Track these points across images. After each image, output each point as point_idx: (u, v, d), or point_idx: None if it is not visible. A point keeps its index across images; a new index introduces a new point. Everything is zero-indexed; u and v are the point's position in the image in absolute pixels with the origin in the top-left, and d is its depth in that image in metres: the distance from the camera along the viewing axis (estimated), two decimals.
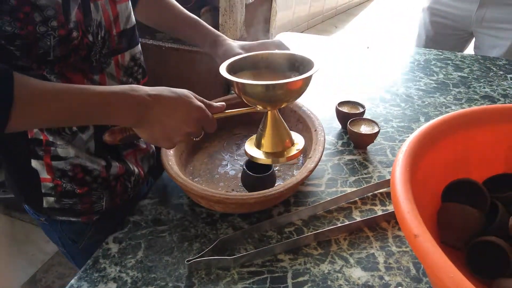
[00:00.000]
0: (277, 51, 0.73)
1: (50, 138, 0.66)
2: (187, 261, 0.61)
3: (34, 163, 0.68)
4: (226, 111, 0.68)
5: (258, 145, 0.70)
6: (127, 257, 0.64)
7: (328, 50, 1.45)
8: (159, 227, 0.69)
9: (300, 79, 0.61)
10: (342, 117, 0.95)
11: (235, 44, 0.84)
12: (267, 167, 0.73)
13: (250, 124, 0.91)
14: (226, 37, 0.86)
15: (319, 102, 1.09)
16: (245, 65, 0.71)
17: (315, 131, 0.82)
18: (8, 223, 1.83)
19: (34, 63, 0.58)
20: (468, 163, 0.67)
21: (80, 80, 0.64)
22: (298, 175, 0.71)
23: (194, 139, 0.66)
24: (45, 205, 0.71)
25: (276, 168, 0.81)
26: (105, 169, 0.73)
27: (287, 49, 0.84)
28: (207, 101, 0.66)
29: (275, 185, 0.73)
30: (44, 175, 0.69)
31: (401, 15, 4.95)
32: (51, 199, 0.71)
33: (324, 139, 0.79)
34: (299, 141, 0.72)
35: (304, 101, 0.91)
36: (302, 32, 4.30)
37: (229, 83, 0.70)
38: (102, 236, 0.68)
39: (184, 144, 0.68)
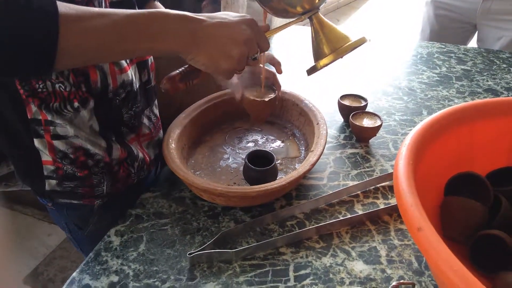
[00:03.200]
0: None
1: (49, 117, 0.64)
2: (189, 254, 0.61)
3: (37, 142, 0.67)
4: (270, 29, 0.66)
5: (318, 56, 0.68)
6: (129, 250, 0.64)
7: None
8: (161, 220, 0.69)
9: None
10: (345, 111, 0.95)
11: None
12: (269, 161, 0.73)
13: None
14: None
15: (321, 95, 1.09)
16: None
17: (317, 124, 0.82)
18: (10, 217, 1.84)
19: None
20: (471, 156, 0.67)
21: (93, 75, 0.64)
22: (300, 168, 0.71)
23: (252, 58, 0.62)
24: (47, 187, 0.71)
25: (278, 162, 0.81)
26: (107, 153, 0.71)
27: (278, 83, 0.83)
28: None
29: (277, 178, 0.73)
30: (46, 156, 0.68)
31: (404, 8, 4.92)
32: (53, 181, 0.71)
33: (326, 132, 0.79)
34: (352, 35, 0.70)
35: (307, 94, 0.91)
36: (304, 25, 4.27)
37: None
38: (106, 223, 0.68)
39: (242, 66, 0.61)
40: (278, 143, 0.88)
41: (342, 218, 0.69)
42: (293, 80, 1.15)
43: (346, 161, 0.84)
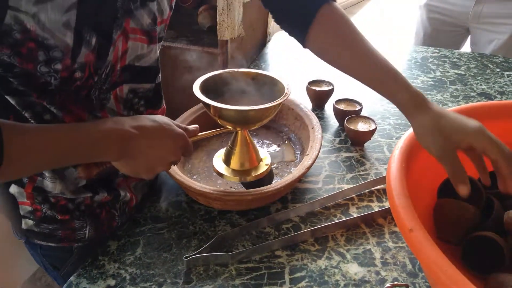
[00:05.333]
0: (246, 69, 0.71)
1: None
2: (186, 257, 0.61)
3: (13, 189, 0.63)
4: (199, 133, 0.66)
5: (227, 162, 0.70)
6: (125, 254, 0.64)
7: None
8: (157, 224, 0.70)
9: (273, 105, 0.61)
10: (340, 115, 0.96)
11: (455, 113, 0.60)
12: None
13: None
14: (432, 103, 0.63)
15: None
16: (215, 84, 0.68)
17: (312, 128, 0.83)
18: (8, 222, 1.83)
19: (33, 92, 0.54)
20: (464, 159, 0.67)
21: (82, 114, 0.60)
22: (296, 172, 0.72)
23: (174, 165, 0.64)
24: (24, 226, 0.66)
25: (274, 166, 0.82)
26: (90, 197, 0.67)
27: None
28: (182, 125, 0.63)
29: (273, 182, 0.74)
30: (22, 199, 0.64)
31: (399, 13, 4.96)
32: (30, 222, 0.66)
33: (321, 136, 0.80)
34: (267, 159, 0.73)
35: (302, 99, 0.92)
36: None
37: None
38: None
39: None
40: (274, 147, 0.89)
41: (337, 221, 0.70)
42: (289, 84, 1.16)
43: (341, 164, 0.85)
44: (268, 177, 0.73)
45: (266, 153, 0.74)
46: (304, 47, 0.71)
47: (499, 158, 0.52)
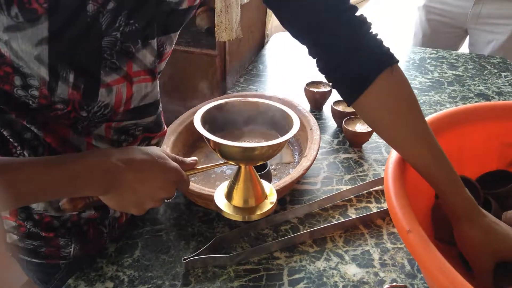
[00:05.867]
0: (254, 99, 0.64)
1: None
2: (184, 259, 0.61)
3: None
4: (198, 167, 0.61)
5: (229, 197, 0.62)
6: (124, 256, 0.64)
7: None
8: (155, 226, 0.70)
9: (276, 143, 0.54)
10: (338, 116, 0.96)
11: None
12: (263, 166, 0.73)
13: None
14: (488, 215, 0.57)
15: None
16: (218, 113, 0.62)
17: (310, 129, 0.83)
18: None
19: (12, 111, 0.51)
20: (462, 159, 0.68)
21: (65, 133, 0.56)
22: (294, 173, 0.72)
23: (166, 201, 0.58)
24: (8, 240, 0.64)
25: (272, 167, 0.82)
26: (76, 214, 0.64)
27: None
28: (178, 157, 0.58)
29: (271, 183, 0.74)
30: (6, 215, 0.62)
31: (397, 14, 4.97)
32: (14, 236, 0.64)
33: (320, 137, 0.80)
34: (272, 194, 0.65)
35: (300, 101, 0.92)
36: None
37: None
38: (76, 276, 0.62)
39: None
40: None
41: (335, 222, 0.70)
42: (287, 86, 1.16)
43: (339, 166, 0.85)
44: (266, 178, 0.73)
45: (272, 188, 0.66)
46: (349, 105, 0.60)
47: None
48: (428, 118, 0.63)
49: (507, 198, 0.63)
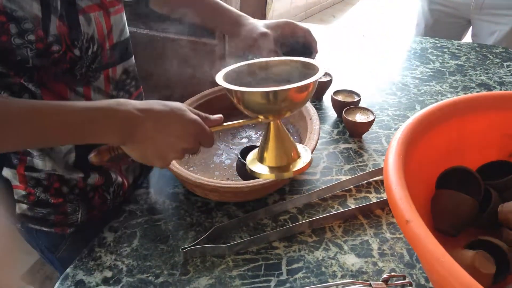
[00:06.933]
0: (276, 58, 0.62)
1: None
2: (182, 249, 0.61)
3: (6, 172, 0.64)
4: (225, 123, 0.61)
5: (261, 159, 0.61)
6: (122, 246, 0.64)
7: (325, 39, 1.44)
8: (154, 216, 0.70)
9: (302, 85, 0.52)
10: (338, 106, 0.95)
11: (259, 23, 0.79)
12: None
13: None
14: (249, 16, 0.81)
15: None
16: (242, 75, 0.61)
17: (310, 119, 0.82)
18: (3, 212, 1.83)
19: (11, 70, 0.54)
20: (462, 150, 0.67)
21: (62, 90, 0.59)
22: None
23: (191, 155, 0.59)
24: (18, 211, 0.67)
25: None
26: (82, 179, 0.68)
27: (314, 40, 0.82)
28: (202, 113, 0.59)
29: None
30: (16, 183, 0.65)
31: (400, 3, 4.92)
32: (24, 206, 0.67)
33: (319, 127, 0.79)
34: (305, 153, 0.62)
35: None
36: (299, 21, 4.27)
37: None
38: (79, 247, 0.64)
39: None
40: None
41: (334, 212, 0.70)
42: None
43: (339, 156, 0.85)
44: None
45: (307, 149, 0.63)
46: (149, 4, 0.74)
47: None
48: (429, 108, 0.63)
49: (508, 189, 0.62)
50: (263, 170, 0.59)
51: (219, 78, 0.56)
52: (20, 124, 0.47)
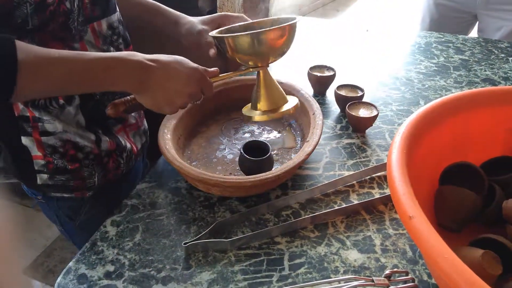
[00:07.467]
0: (261, 19, 0.79)
1: (37, 114, 0.66)
2: (185, 243, 0.61)
3: (24, 140, 0.68)
4: (220, 74, 0.71)
5: (255, 106, 0.74)
6: (124, 240, 0.64)
7: (329, 34, 1.43)
8: (156, 211, 0.70)
9: (279, 27, 0.68)
10: (341, 101, 0.94)
11: (196, 20, 0.85)
12: (265, 151, 0.73)
13: None
14: (186, 16, 0.87)
15: None
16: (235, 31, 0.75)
17: (313, 114, 0.82)
18: (10, 208, 1.84)
19: (14, 33, 0.57)
20: (466, 145, 0.67)
21: (61, 49, 0.62)
22: (296, 158, 0.71)
23: (195, 102, 0.70)
24: (39, 181, 0.72)
25: (274, 152, 0.81)
26: (96, 145, 0.73)
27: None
28: (201, 66, 0.68)
29: (273, 168, 0.73)
30: (35, 152, 0.69)
31: None
32: (44, 176, 0.72)
33: (322, 122, 0.79)
34: (292, 99, 0.77)
35: (303, 85, 0.91)
36: (303, 15, 4.24)
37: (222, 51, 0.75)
38: (97, 212, 0.70)
39: (184, 107, 0.69)
40: (274, 133, 0.88)
41: (337, 207, 0.69)
42: (290, 70, 1.14)
43: (342, 151, 0.84)
44: (268, 163, 0.73)
45: (294, 97, 0.78)
46: None
47: None
48: (433, 103, 0.62)
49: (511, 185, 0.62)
50: (256, 114, 0.73)
51: (213, 32, 0.71)
52: (49, 67, 0.53)
